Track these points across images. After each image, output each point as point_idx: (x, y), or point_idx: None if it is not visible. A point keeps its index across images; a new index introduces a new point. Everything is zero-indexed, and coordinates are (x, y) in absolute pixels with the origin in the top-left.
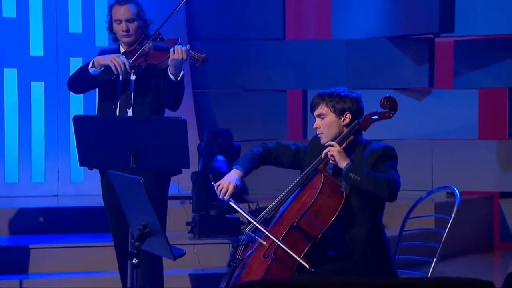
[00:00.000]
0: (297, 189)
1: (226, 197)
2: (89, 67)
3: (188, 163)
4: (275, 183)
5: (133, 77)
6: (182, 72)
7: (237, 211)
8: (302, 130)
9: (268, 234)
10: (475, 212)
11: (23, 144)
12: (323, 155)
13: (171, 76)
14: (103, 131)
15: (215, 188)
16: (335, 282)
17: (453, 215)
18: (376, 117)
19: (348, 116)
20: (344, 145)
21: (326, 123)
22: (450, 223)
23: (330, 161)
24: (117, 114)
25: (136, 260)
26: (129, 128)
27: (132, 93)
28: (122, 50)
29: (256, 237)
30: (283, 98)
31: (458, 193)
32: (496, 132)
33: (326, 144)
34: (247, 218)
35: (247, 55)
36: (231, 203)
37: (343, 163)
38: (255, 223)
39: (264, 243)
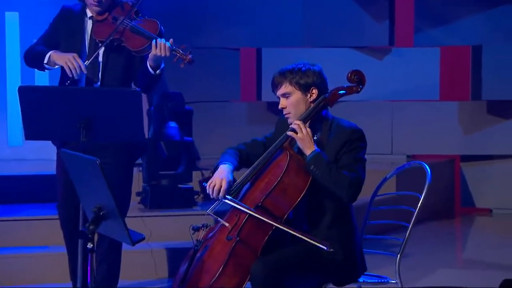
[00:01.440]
0: (261, 168)
1: (220, 195)
2: (45, 61)
3: (143, 136)
4: (227, 146)
5: (102, 49)
6: (162, 65)
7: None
8: (256, 91)
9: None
10: (436, 176)
11: None
12: (288, 133)
13: (150, 69)
14: (52, 102)
15: (207, 187)
16: None
17: (423, 193)
18: (344, 91)
19: (315, 91)
20: (309, 123)
21: (292, 102)
22: (420, 201)
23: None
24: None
25: (91, 245)
26: (80, 100)
27: (101, 67)
28: (89, 14)
29: (219, 218)
30: (235, 56)
31: (429, 170)
32: (458, 93)
33: (291, 124)
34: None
35: (197, 10)
36: (228, 201)
37: (307, 150)
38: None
39: (227, 224)
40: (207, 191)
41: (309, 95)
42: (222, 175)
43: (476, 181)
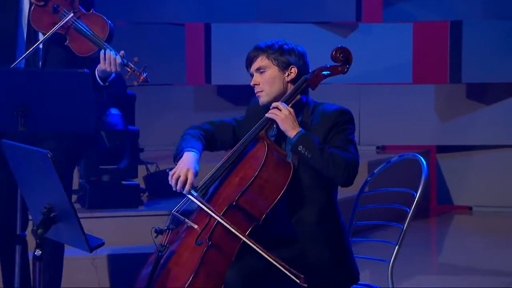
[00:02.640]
0: (234, 161)
1: (186, 189)
2: None
3: (92, 125)
4: (174, 137)
5: (41, 35)
6: (112, 75)
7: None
8: (205, 73)
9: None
10: (408, 170)
11: None
12: (267, 115)
13: (98, 79)
14: None
15: (170, 178)
16: None
17: (419, 191)
18: (328, 72)
19: (294, 70)
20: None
21: (267, 78)
22: (416, 199)
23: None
24: None
25: (40, 252)
26: (16, 83)
27: (41, 54)
28: None
29: (186, 219)
30: (180, 33)
31: (425, 164)
32: (434, 75)
33: (272, 106)
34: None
35: None
36: (193, 199)
37: (292, 132)
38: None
39: (196, 226)
40: (170, 182)
41: (287, 73)
42: (187, 164)
43: (454, 175)
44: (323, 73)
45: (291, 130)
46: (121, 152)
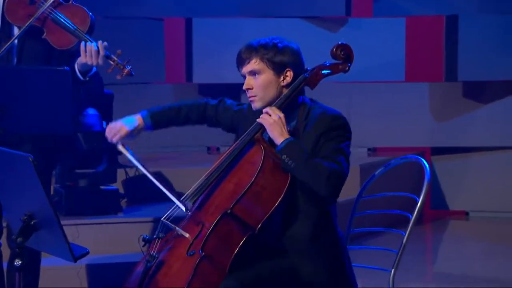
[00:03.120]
0: (228, 166)
1: (114, 139)
2: None
3: (71, 126)
4: (153, 139)
5: (17, 30)
6: (94, 69)
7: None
8: (186, 71)
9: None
10: (401, 173)
11: None
12: (258, 120)
13: (78, 74)
14: None
15: (107, 128)
16: None
17: (422, 195)
18: (328, 71)
19: (290, 74)
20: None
21: (261, 82)
22: (418, 205)
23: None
24: None
25: (20, 262)
26: None
27: (16, 50)
28: None
29: (177, 228)
30: (159, 28)
31: (427, 166)
32: (429, 72)
33: (264, 110)
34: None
35: None
36: (119, 147)
37: (279, 139)
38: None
39: (187, 235)
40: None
41: (282, 77)
42: (128, 124)
43: (450, 178)
44: (322, 72)
45: (279, 137)
46: (99, 155)
